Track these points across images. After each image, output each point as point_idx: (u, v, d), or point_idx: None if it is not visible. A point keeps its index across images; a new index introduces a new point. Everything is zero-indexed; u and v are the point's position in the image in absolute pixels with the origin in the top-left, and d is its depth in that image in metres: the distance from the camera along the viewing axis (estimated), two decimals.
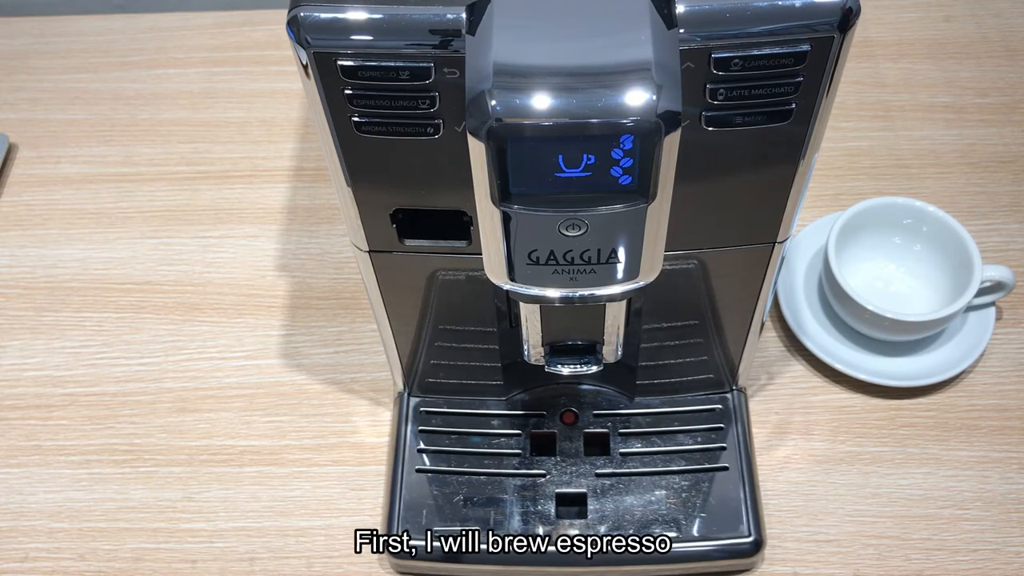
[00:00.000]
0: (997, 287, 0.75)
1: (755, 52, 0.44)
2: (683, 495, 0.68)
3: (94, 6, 1.04)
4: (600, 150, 0.42)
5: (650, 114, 0.40)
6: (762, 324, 0.66)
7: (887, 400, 0.75)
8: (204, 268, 0.84)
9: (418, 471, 0.69)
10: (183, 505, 0.72)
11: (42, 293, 0.83)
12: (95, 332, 0.81)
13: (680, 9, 0.43)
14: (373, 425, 0.75)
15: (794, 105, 0.47)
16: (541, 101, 0.40)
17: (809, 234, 0.82)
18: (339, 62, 0.44)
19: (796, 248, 0.81)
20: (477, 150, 0.42)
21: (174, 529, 0.71)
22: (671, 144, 0.42)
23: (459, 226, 0.54)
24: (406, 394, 0.73)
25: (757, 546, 0.66)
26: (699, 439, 0.71)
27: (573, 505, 0.68)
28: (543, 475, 0.69)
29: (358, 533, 0.69)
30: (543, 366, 0.64)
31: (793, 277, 0.80)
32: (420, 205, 0.53)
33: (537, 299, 0.54)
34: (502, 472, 0.69)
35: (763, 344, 0.77)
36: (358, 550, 0.69)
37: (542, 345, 0.61)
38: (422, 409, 0.72)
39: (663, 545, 0.66)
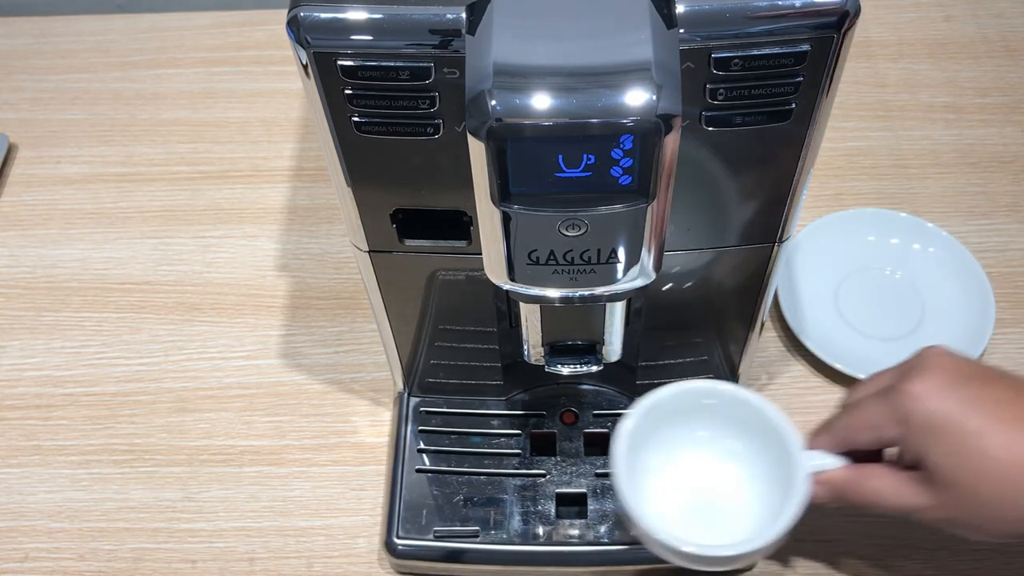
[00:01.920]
0: None
1: (755, 52, 0.44)
2: None
3: (94, 6, 1.04)
4: (600, 150, 0.42)
5: (650, 114, 0.40)
6: (762, 324, 0.66)
7: None
8: (204, 268, 0.84)
9: (418, 471, 0.69)
10: (183, 505, 0.72)
11: (42, 293, 0.83)
12: (95, 332, 0.81)
13: (680, 9, 0.43)
14: (373, 425, 0.75)
15: (794, 105, 0.47)
16: (541, 101, 0.40)
17: (809, 234, 0.82)
18: (339, 62, 0.44)
19: (796, 248, 0.81)
20: (477, 150, 0.42)
21: (174, 529, 0.71)
22: (671, 144, 0.42)
23: (459, 226, 0.54)
24: (406, 394, 0.73)
25: None
26: None
27: (573, 505, 0.68)
28: (543, 475, 0.69)
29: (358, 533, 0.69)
30: (543, 366, 0.63)
31: (793, 277, 0.80)
32: (420, 205, 0.53)
33: (537, 299, 0.54)
34: (502, 472, 0.69)
35: (763, 344, 0.77)
36: (358, 550, 0.69)
37: (542, 345, 0.61)
38: (422, 409, 0.72)
39: None
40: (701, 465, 0.63)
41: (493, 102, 0.40)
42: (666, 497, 0.62)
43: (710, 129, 0.47)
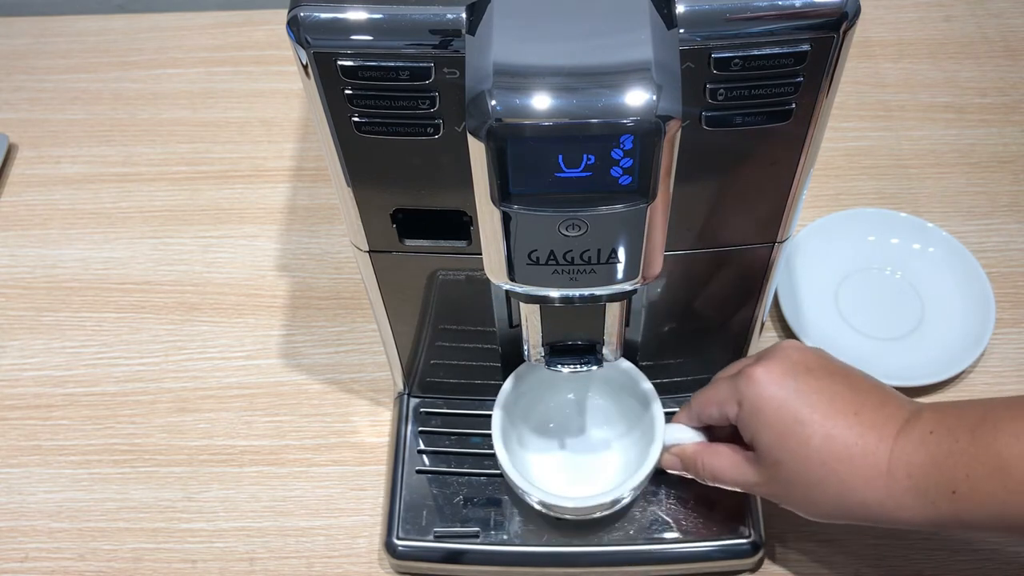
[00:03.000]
0: None
1: (755, 52, 0.44)
2: (683, 495, 0.68)
3: (94, 6, 1.04)
4: (600, 150, 0.42)
5: (650, 114, 0.40)
6: (762, 324, 0.66)
7: None
8: (204, 268, 0.84)
9: (418, 472, 0.69)
10: (183, 505, 0.72)
11: (42, 293, 0.83)
12: (95, 332, 0.81)
13: (680, 9, 0.43)
14: (373, 425, 0.75)
15: (794, 105, 0.47)
16: (541, 101, 0.40)
17: (809, 234, 0.82)
18: (339, 62, 0.44)
19: (796, 248, 0.81)
20: (477, 150, 0.42)
21: (174, 529, 0.71)
22: (671, 144, 0.42)
23: (459, 226, 0.54)
24: (406, 394, 0.73)
25: (757, 547, 0.66)
26: None
27: None
28: None
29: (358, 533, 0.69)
30: (543, 366, 0.63)
31: (793, 277, 0.80)
32: (420, 205, 0.53)
33: (537, 299, 0.54)
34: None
35: (763, 344, 0.77)
36: (358, 550, 0.69)
37: (542, 345, 0.61)
38: (422, 409, 0.72)
39: (663, 545, 0.66)
40: (578, 425, 0.70)
41: (493, 102, 0.40)
42: (546, 457, 0.68)
43: (710, 129, 0.47)
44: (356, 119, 0.47)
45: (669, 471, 0.64)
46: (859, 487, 0.54)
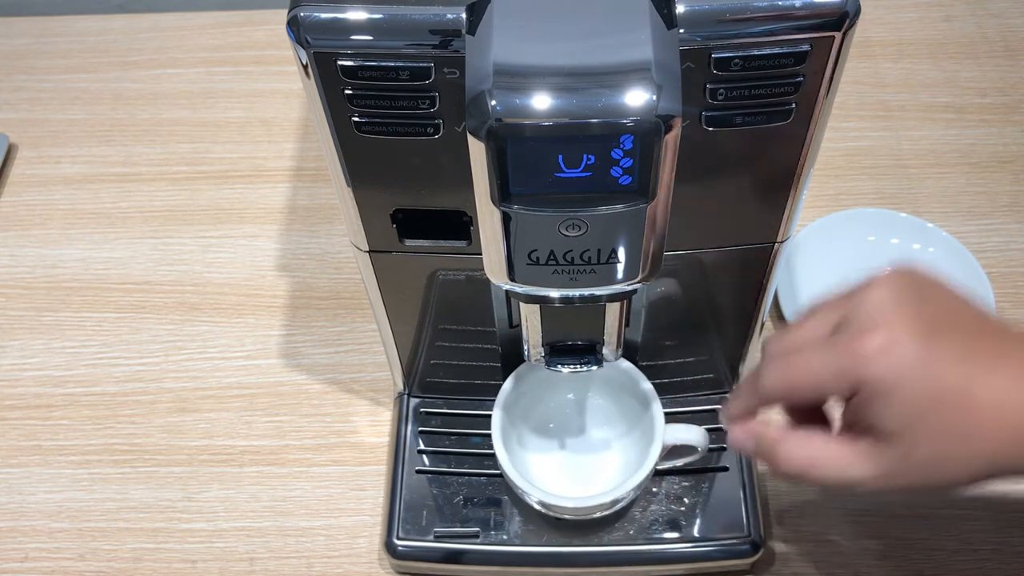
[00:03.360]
0: (686, 450, 0.64)
1: (755, 52, 0.44)
2: (683, 495, 0.68)
3: (94, 6, 1.05)
4: (600, 150, 0.42)
5: (650, 114, 0.40)
6: (762, 324, 0.66)
7: None
8: (204, 268, 0.84)
9: (418, 472, 0.69)
10: (183, 505, 0.72)
11: (42, 293, 0.83)
12: (95, 332, 0.81)
13: (680, 9, 0.43)
14: (373, 425, 0.75)
15: (794, 105, 0.47)
16: (541, 101, 0.40)
17: (809, 234, 0.82)
18: (339, 62, 0.44)
19: (796, 248, 0.81)
20: (477, 150, 0.42)
21: (174, 529, 0.71)
22: (671, 144, 0.42)
23: (459, 226, 0.54)
24: (406, 394, 0.73)
25: (756, 547, 0.66)
26: None
27: None
28: None
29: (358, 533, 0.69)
30: (543, 366, 0.63)
31: (793, 277, 0.80)
32: (420, 205, 0.53)
33: (537, 299, 0.54)
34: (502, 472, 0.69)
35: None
36: (358, 550, 0.69)
37: (542, 345, 0.61)
38: (422, 409, 0.72)
39: (663, 545, 0.66)
40: (578, 425, 0.70)
41: (493, 102, 0.40)
42: (546, 457, 0.68)
43: (710, 129, 0.47)
44: (356, 119, 0.47)
45: (735, 449, 0.59)
46: (1014, 450, 0.45)
